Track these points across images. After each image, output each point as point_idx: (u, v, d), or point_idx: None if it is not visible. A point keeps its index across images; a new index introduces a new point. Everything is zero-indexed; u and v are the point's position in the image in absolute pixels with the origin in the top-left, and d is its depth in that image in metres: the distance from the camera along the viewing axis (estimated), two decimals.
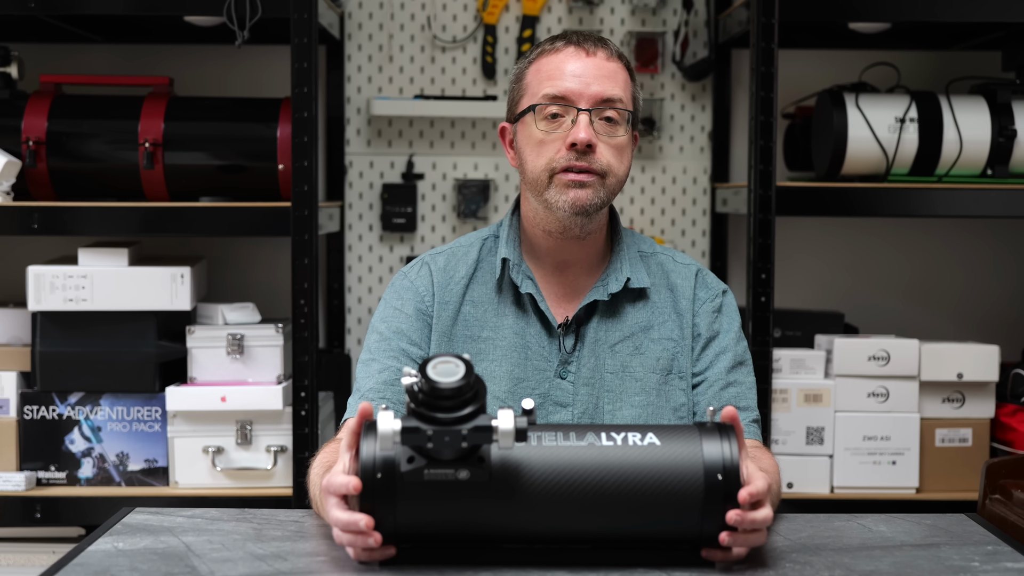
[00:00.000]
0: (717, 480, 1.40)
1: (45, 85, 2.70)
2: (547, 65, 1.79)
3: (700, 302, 1.86)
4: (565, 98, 1.76)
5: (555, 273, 1.85)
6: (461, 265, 1.87)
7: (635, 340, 1.83)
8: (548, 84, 1.77)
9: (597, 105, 1.76)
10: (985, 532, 1.64)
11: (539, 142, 1.77)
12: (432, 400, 1.36)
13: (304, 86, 2.52)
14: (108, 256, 2.61)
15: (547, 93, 1.77)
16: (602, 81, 1.77)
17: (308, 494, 1.73)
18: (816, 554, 1.53)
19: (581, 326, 1.82)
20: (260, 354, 2.63)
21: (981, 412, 2.72)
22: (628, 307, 1.84)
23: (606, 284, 1.83)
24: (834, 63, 3.02)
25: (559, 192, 1.76)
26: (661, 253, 1.91)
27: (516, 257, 1.84)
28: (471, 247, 1.89)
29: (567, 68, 1.77)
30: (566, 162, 1.75)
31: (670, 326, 1.84)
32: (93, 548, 1.52)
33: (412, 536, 1.43)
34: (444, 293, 1.84)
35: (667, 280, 1.87)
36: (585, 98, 1.76)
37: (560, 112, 1.76)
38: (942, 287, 3.13)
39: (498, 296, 1.84)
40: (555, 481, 1.40)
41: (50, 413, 2.62)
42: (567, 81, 1.76)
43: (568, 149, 1.75)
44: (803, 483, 2.69)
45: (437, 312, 1.83)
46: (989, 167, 2.68)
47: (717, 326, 1.86)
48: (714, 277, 1.91)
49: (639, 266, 1.86)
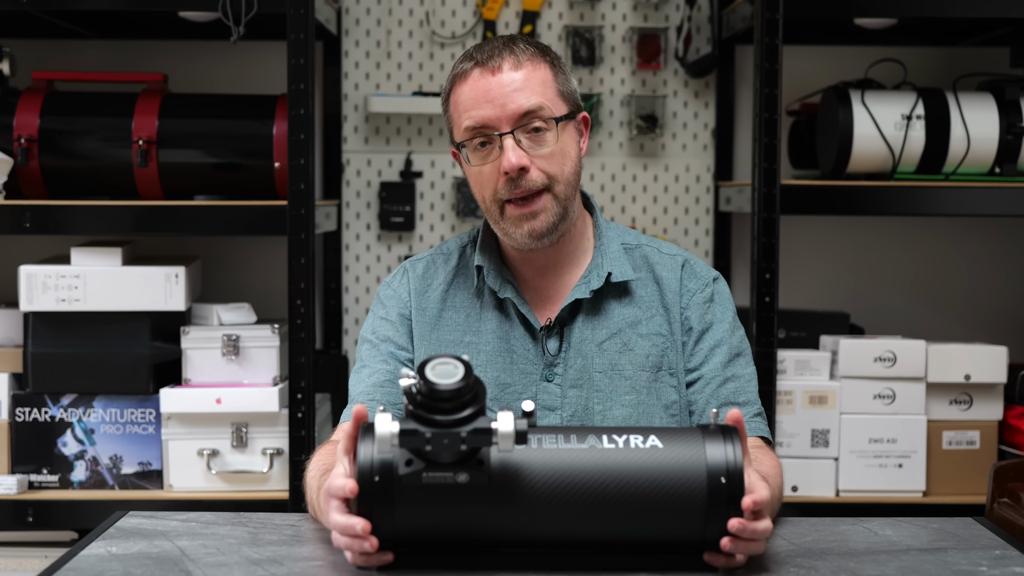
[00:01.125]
0: (720, 483, 1.40)
1: (37, 82, 2.70)
2: (460, 96, 1.77)
3: (689, 293, 1.84)
4: (485, 126, 1.75)
5: (535, 276, 1.85)
6: (440, 271, 1.88)
7: (622, 337, 1.82)
8: (466, 116, 1.76)
9: (518, 123, 1.74)
10: (993, 536, 1.64)
11: (477, 173, 1.78)
12: (431, 402, 1.36)
13: (300, 83, 2.52)
14: (101, 256, 2.61)
15: (467, 126, 1.76)
16: (515, 96, 1.74)
17: (304, 497, 1.73)
18: (821, 558, 1.53)
19: (565, 327, 1.82)
20: (256, 355, 2.63)
21: (989, 414, 2.72)
22: (613, 303, 1.83)
23: (588, 281, 1.82)
24: (839, 59, 3.03)
25: (513, 225, 1.77)
26: (646, 245, 1.89)
27: (493, 263, 1.84)
28: (451, 254, 1.90)
29: (478, 94, 1.75)
30: (508, 192, 1.75)
31: (658, 320, 1.83)
32: (86, 552, 1.52)
33: (411, 540, 1.43)
34: (421, 300, 1.86)
35: (653, 273, 1.86)
36: (504, 120, 1.74)
37: (486, 140, 1.75)
38: (949, 287, 3.13)
39: (479, 301, 1.85)
40: (556, 484, 1.40)
41: (42, 415, 2.62)
42: (481, 109, 1.74)
43: (504, 178, 1.74)
44: (808, 486, 2.69)
45: (415, 318, 1.85)
46: (997, 165, 2.68)
47: (710, 317, 1.84)
48: (703, 265, 1.89)
49: (622, 259, 1.84)
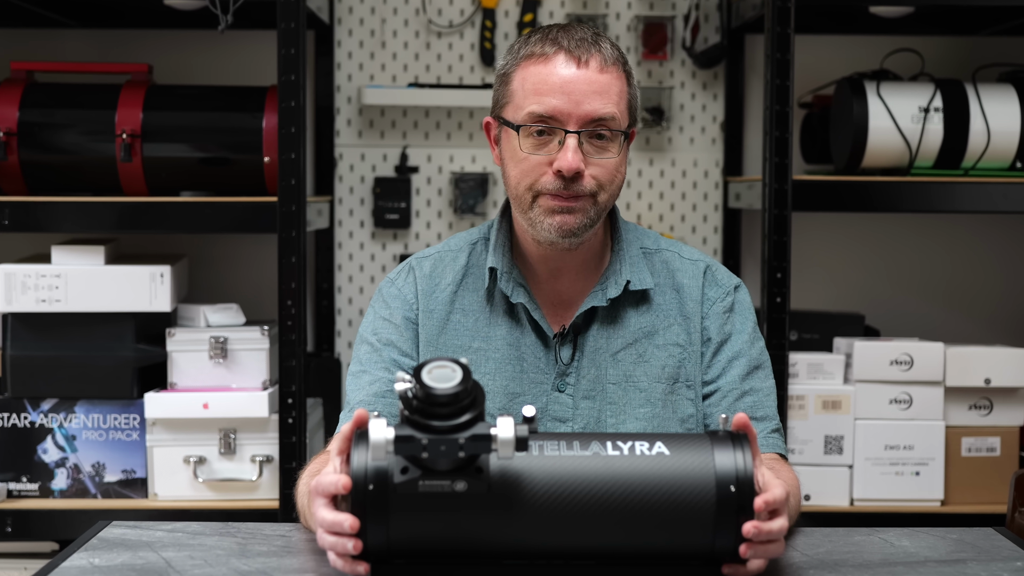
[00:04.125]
0: (730, 492, 1.40)
1: (16, 72, 2.70)
2: (534, 75, 1.73)
3: (710, 303, 1.83)
4: (553, 118, 1.71)
5: (549, 280, 1.83)
6: (448, 271, 1.85)
7: (638, 347, 1.81)
8: (535, 100, 1.72)
9: (587, 126, 1.71)
10: (1014, 547, 1.64)
11: (524, 159, 1.73)
12: (427, 407, 1.35)
13: (291, 74, 2.52)
14: (83, 254, 2.61)
15: (533, 111, 1.72)
16: (593, 99, 1.71)
17: (296, 507, 1.73)
18: (835, 570, 1.53)
19: (579, 335, 1.81)
20: (244, 358, 2.63)
21: (1010, 420, 2.72)
22: (630, 311, 1.82)
23: (604, 288, 1.80)
24: (854, 49, 3.03)
25: (544, 215, 1.73)
26: (667, 249, 1.87)
27: (506, 264, 1.82)
28: (460, 251, 1.87)
29: (556, 82, 1.72)
30: (553, 189, 1.72)
31: (676, 330, 1.82)
32: (67, 564, 1.52)
33: (406, 551, 1.42)
34: (429, 301, 1.83)
35: (672, 280, 1.84)
36: (574, 119, 1.71)
37: (547, 131, 1.72)
38: (968, 287, 3.13)
39: (489, 305, 1.83)
40: (558, 493, 1.40)
41: (21, 421, 2.62)
42: (555, 99, 1.71)
43: (554, 174, 1.72)
44: (821, 495, 2.69)
45: (422, 321, 1.82)
46: (1019, 160, 2.69)
47: (729, 328, 1.83)
48: (725, 271, 1.88)
49: (641, 265, 1.83)
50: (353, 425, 1.44)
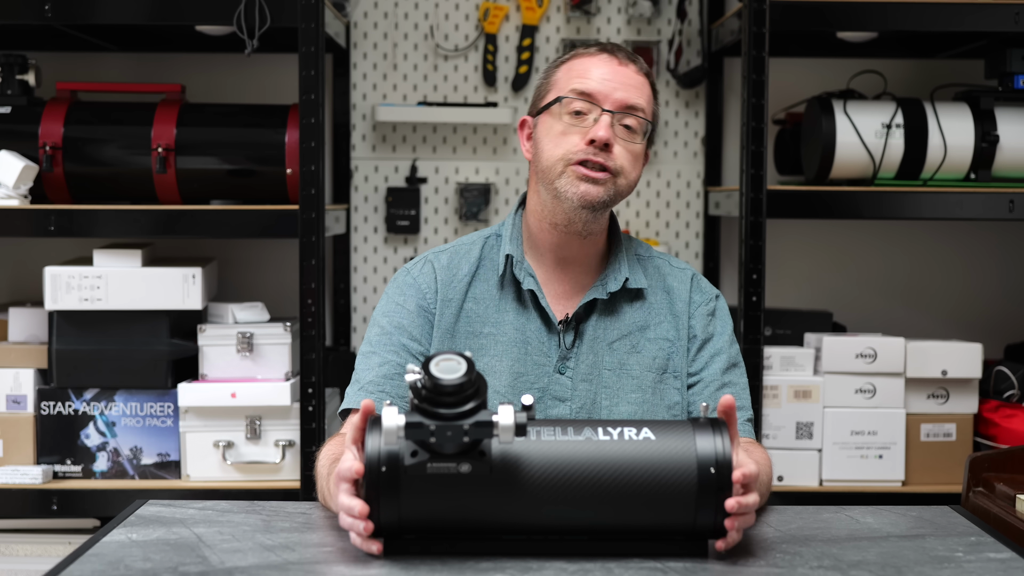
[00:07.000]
0: (710, 473, 1.41)
1: (61, 92, 2.70)
2: (579, 65, 1.81)
3: (695, 305, 1.87)
4: (592, 96, 1.78)
5: (556, 271, 1.85)
6: (464, 263, 1.87)
7: (632, 339, 1.83)
8: (577, 81, 1.79)
9: (620, 110, 1.77)
10: (968, 524, 1.64)
11: (560, 133, 1.78)
12: (435, 396, 1.36)
13: (311, 93, 2.52)
14: (122, 257, 2.61)
15: (575, 88, 1.78)
16: (628, 89, 1.79)
17: (315, 487, 1.73)
18: (805, 545, 1.53)
19: (580, 323, 1.82)
20: (269, 352, 2.63)
21: (965, 408, 2.72)
22: (626, 307, 1.84)
23: (605, 283, 1.83)
24: (823, 71, 3.02)
25: (570, 183, 1.77)
26: (658, 257, 1.92)
27: (519, 254, 1.84)
28: (473, 245, 1.89)
29: (598, 71, 1.79)
30: (583, 155, 1.76)
31: (666, 327, 1.85)
32: (108, 539, 1.53)
33: (415, 527, 1.43)
34: (447, 291, 1.84)
35: (663, 283, 1.88)
36: (610, 101, 1.77)
37: (584, 110, 1.78)
38: (927, 287, 3.13)
39: (500, 293, 1.84)
40: (553, 474, 1.41)
41: (66, 409, 2.62)
42: (596, 82, 1.78)
43: (587, 144, 1.76)
44: (793, 476, 2.69)
45: (440, 309, 1.83)
46: (972, 171, 2.69)
47: (711, 329, 1.87)
48: (707, 282, 1.93)
49: (636, 268, 1.87)
50: (362, 416, 1.45)
